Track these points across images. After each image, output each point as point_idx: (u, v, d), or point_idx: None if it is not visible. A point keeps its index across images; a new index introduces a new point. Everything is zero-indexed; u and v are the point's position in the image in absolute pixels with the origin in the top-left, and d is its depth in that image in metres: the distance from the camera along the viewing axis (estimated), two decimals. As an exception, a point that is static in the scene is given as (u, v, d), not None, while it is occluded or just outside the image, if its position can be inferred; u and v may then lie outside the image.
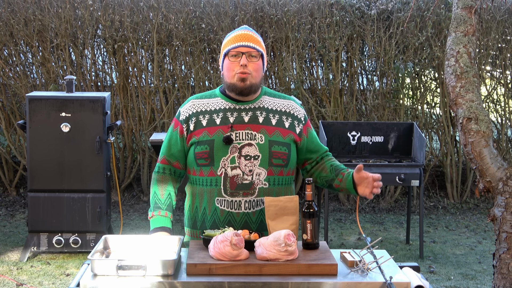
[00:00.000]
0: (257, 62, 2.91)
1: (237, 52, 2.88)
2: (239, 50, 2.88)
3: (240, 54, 2.88)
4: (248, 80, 2.88)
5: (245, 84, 2.89)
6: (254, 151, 2.88)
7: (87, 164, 5.42)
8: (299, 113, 3.02)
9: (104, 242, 2.66)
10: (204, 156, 2.89)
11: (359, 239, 6.27)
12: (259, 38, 2.95)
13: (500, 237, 3.10)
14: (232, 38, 2.92)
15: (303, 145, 3.01)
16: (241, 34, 2.92)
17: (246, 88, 2.89)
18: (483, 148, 3.14)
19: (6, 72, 7.22)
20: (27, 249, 5.46)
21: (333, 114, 7.20)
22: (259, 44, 2.93)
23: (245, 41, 2.89)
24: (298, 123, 2.99)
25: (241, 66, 2.87)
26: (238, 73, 2.87)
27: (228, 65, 2.91)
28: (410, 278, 2.53)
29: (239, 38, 2.90)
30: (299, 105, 3.06)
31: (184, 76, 7.22)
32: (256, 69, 2.90)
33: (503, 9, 7.26)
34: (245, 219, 2.89)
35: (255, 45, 2.90)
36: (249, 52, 2.89)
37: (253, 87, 2.91)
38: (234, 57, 2.89)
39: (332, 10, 7.03)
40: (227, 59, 2.91)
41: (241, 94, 2.92)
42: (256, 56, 2.91)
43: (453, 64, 3.22)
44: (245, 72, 2.87)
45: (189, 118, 2.95)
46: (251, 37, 2.92)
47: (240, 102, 2.95)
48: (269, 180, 2.90)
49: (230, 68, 2.90)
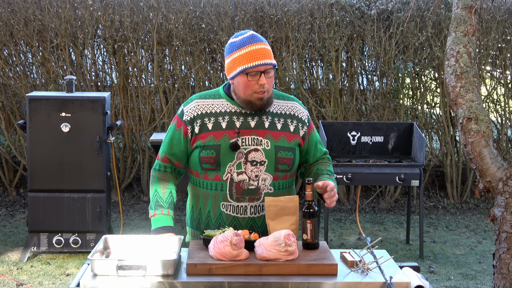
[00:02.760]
0: (272, 77, 2.86)
1: (256, 72, 2.81)
2: (258, 69, 2.81)
3: (259, 73, 2.81)
4: (265, 97, 2.85)
5: (263, 102, 2.85)
6: (261, 156, 2.87)
7: (87, 164, 5.42)
8: (303, 115, 3.00)
9: (104, 242, 2.66)
10: (210, 161, 2.87)
11: (359, 239, 6.28)
12: (269, 48, 2.88)
13: (500, 237, 3.10)
14: (249, 55, 2.82)
15: (304, 147, 3.01)
16: (257, 50, 2.82)
17: (264, 105, 2.87)
18: (483, 148, 3.14)
19: (6, 72, 7.22)
20: (27, 249, 5.47)
21: (333, 114, 7.20)
22: (272, 56, 2.87)
23: (262, 59, 2.81)
24: (303, 125, 2.98)
25: (260, 86, 2.82)
26: (257, 92, 2.83)
27: (245, 83, 2.83)
28: (410, 278, 2.53)
29: (256, 56, 2.81)
30: (302, 106, 3.04)
31: (184, 76, 7.22)
32: (271, 83, 2.86)
33: (503, 9, 7.26)
34: (250, 223, 2.89)
35: (271, 60, 2.84)
36: (266, 70, 2.83)
37: (269, 101, 2.88)
38: (252, 76, 2.81)
39: (332, 10, 7.03)
40: (244, 77, 2.82)
41: (259, 111, 2.89)
42: (271, 69, 2.85)
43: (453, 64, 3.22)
44: (263, 91, 2.83)
45: (194, 120, 2.91)
46: (267, 51, 2.84)
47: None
48: (274, 185, 2.90)
49: (248, 86, 2.83)
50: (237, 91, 2.88)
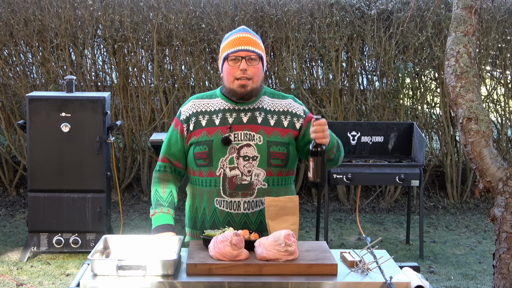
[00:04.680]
0: (256, 66, 2.89)
1: (236, 56, 2.86)
2: (238, 54, 2.86)
3: (240, 58, 2.86)
4: (248, 86, 2.87)
5: (245, 90, 2.87)
6: (253, 151, 2.88)
7: (87, 164, 5.42)
8: (297, 110, 2.99)
9: (104, 242, 2.66)
10: (203, 156, 2.89)
11: (359, 239, 6.28)
12: (258, 40, 2.93)
13: (500, 237, 3.10)
14: (231, 42, 2.90)
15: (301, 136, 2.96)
16: (239, 37, 2.89)
17: (246, 94, 2.89)
18: (483, 148, 3.14)
19: (6, 72, 7.22)
20: (27, 249, 5.47)
21: (333, 114, 7.20)
22: (258, 47, 2.91)
23: (244, 45, 2.87)
24: (298, 118, 2.97)
25: (241, 71, 2.85)
26: (238, 79, 2.86)
27: (227, 69, 2.89)
28: (410, 278, 2.53)
29: (237, 42, 2.88)
30: (298, 102, 3.03)
31: (184, 76, 7.22)
32: (256, 73, 2.88)
33: (503, 9, 7.25)
34: (244, 219, 2.89)
35: (254, 48, 2.88)
36: (248, 56, 2.86)
37: (253, 91, 2.90)
38: (233, 61, 2.87)
39: (332, 10, 7.03)
40: (226, 63, 2.89)
41: (242, 99, 2.91)
42: (256, 59, 2.88)
43: (453, 64, 3.22)
44: (245, 78, 2.86)
45: (189, 118, 2.95)
46: (250, 40, 2.89)
47: (240, 103, 2.94)
48: (268, 180, 2.90)
49: (229, 72, 2.88)
50: (224, 81, 2.93)
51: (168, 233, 2.86)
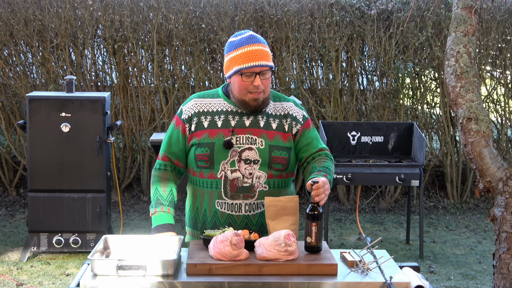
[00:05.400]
0: (268, 78, 2.86)
1: (251, 72, 2.81)
2: (253, 70, 2.81)
3: (254, 74, 2.82)
4: (261, 98, 2.86)
5: (258, 103, 2.86)
6: (254, 155, 2.87)
7: (87, 164, 5.42)
8: (297, 114, 2.99)
9: (104, 242, 2.66)
10: (204, 158, 2.88)
11: (359, 239, 6.27)
12: (268, 49, 2.87)
13: (500, 237, 3.10)
14: (244, 56, 2.82)
15: (294, 144, 2.97)
16: (253, 51, 2.82)
17: (258, 106, 2.87)
18: (483, 148, 3.14)
19: (6, 72, 7.22)
20: (27, 249, 5.47)
21: (333, 114, 7.20)
22: (270, 58, 2.86)
23: (258, 61, 2.81)
24: (296, 123, 2.97)
25: (255, 87, 2.82)
26: (252, 93, 2.83)
27: (240, 83, 2.84)
28: (410, 278, 2.53)
29: (252, 57, 2.81)
30: (299, 106, 3.04)
31: (184, 76, 7.22)
32: (267, 85, 2.86)
33: (503, 9, 7.25)
34: (245, 221, 2.89)
35: (268, 62, 2.83)
36: (262, 71, 2.83)
37: (265, 102, 2.89)
38: (247, 76, 2.82)
39: (332, 10, 7.03)
40: (239, 76, 2.83)
41: (254, 111, 2.89)
42: (268, 71, 2.85)
43: (453, 64, 3.22)
44: (258, 92, 2.84)
45: (191, 118, 2.94)
46: (263, 53, 2.83)
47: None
48: (269, 183, 2.90)
49: (242, 86, 2.84)
50: (233, 90, 2.89)
51: (169, 233, 2.86)
